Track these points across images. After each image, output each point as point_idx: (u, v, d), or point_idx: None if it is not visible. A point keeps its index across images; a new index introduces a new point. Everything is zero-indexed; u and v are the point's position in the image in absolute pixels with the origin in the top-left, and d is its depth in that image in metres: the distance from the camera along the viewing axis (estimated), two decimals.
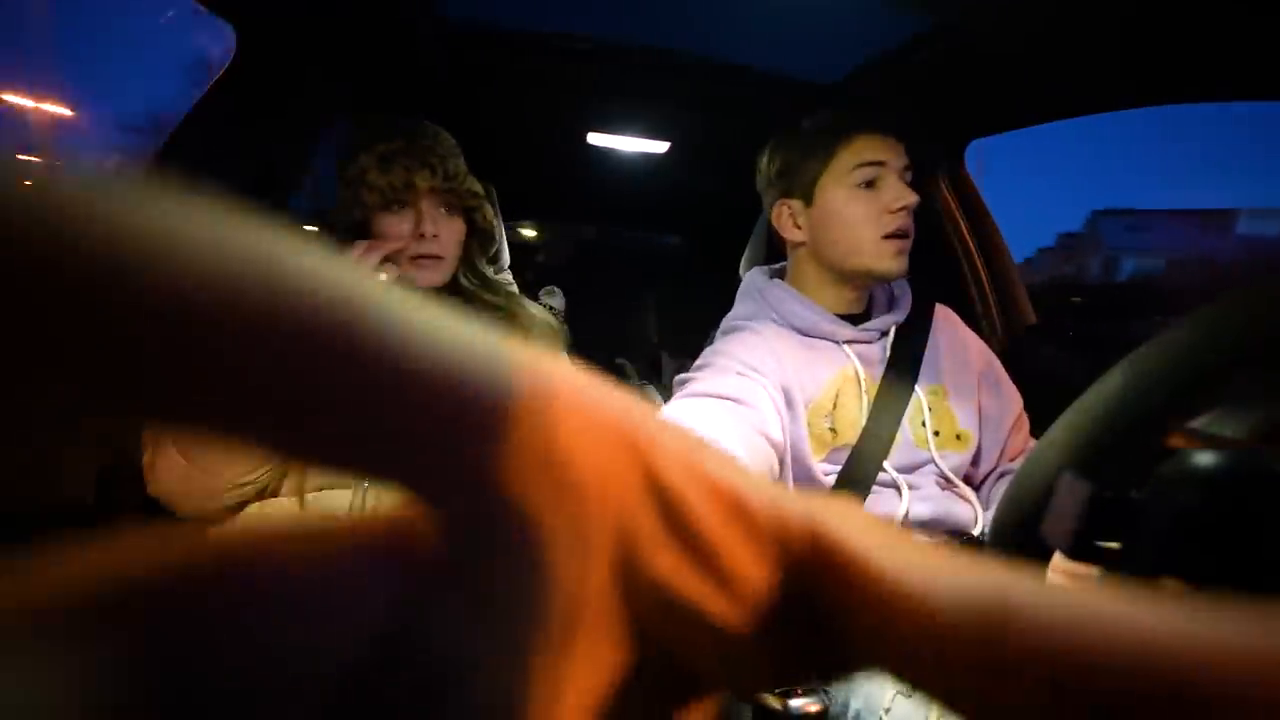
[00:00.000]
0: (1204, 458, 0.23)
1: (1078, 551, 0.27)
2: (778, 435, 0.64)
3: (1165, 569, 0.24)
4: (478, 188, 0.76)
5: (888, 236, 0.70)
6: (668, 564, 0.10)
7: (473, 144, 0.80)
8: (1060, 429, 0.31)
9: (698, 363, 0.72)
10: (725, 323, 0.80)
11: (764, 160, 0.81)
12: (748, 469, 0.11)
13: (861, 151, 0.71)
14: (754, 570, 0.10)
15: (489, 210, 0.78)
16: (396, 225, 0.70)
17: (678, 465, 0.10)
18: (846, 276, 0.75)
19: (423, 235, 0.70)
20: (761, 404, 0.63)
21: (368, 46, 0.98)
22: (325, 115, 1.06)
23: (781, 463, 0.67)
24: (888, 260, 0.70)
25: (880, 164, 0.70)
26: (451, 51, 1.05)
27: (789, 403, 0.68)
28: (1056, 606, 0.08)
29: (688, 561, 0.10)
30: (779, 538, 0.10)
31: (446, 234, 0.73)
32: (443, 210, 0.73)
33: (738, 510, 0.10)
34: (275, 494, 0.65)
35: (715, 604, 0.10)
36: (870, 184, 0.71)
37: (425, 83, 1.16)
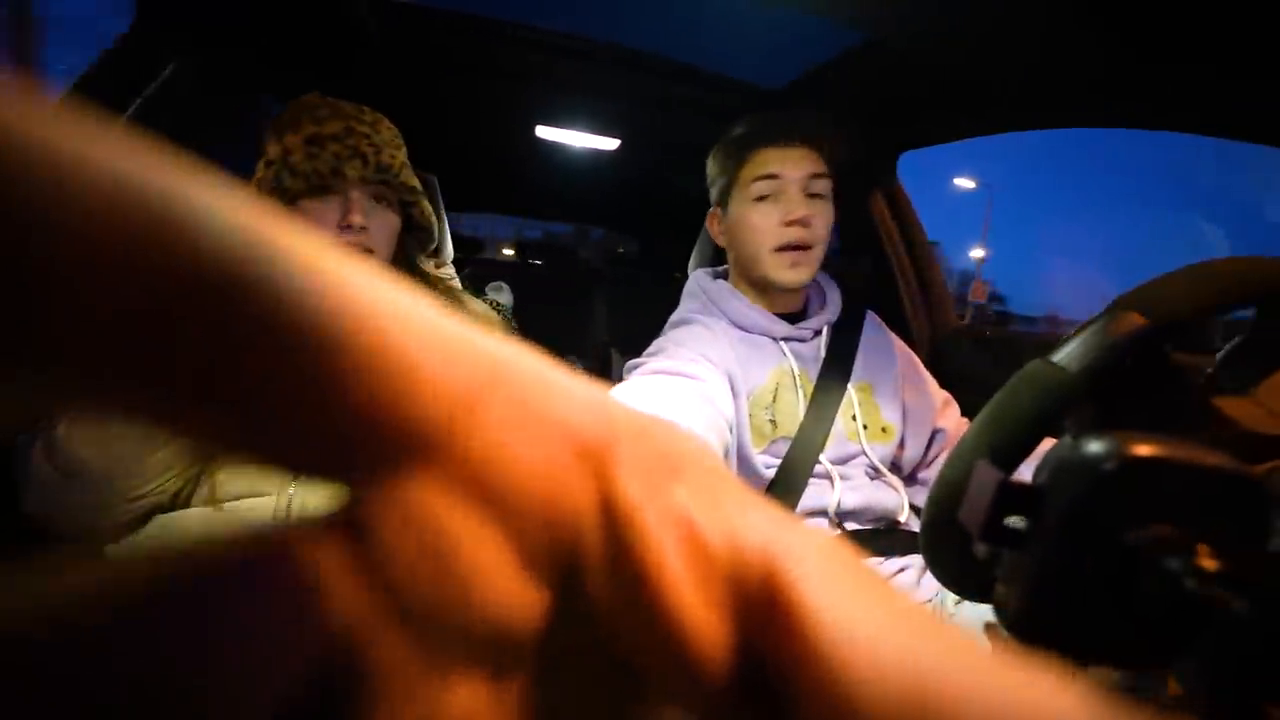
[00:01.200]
0: (1092, 445, 0.25)
1: (987, 534, 0.29)
2: (729, 412, 0.66)
3: (1066, 549, 0.27)
4: (414, 182, 0.71)
5: (781, 249, 0.72)
6: (611, 596, 0.09)
7: (417, 132, 0.77)
8: (977, 424, 0.34)
9: (649, 350, 0.74)
10: (673, 318, 0.83)
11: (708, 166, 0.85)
12: (705, 490, 0.10)
13: (760, 165, 0.73)
14: (703, 613, 0.09)
15: (427, 206, 0.74)
16: (320, 213, 0.65)
17: (637, 483, 0.09)
18: (754, 283, 0.78)
19: (349, 225, 0.65)
20: (713, 380, 0.65)
21: (287, 22, 0.91)
22: (244, 97, 0.97)
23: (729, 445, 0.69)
24: (783, 271, 0.73)
25: (775, 177, 0.73)
26: (397, 35, 1.00)
27: (734, 391, 0.71)
28: None
29: (631, 596, 0.09)
30: (733, 577, 0.09)
31: (378, 226, 0.68)
32: (376, 202, 0.68)
33: (693, 542, 0.09)
34: (187, 503, 0.59)
35: (658, 646, 0.09)
36: (768, 197, 0.73)
37: (363, 67, 1.10)
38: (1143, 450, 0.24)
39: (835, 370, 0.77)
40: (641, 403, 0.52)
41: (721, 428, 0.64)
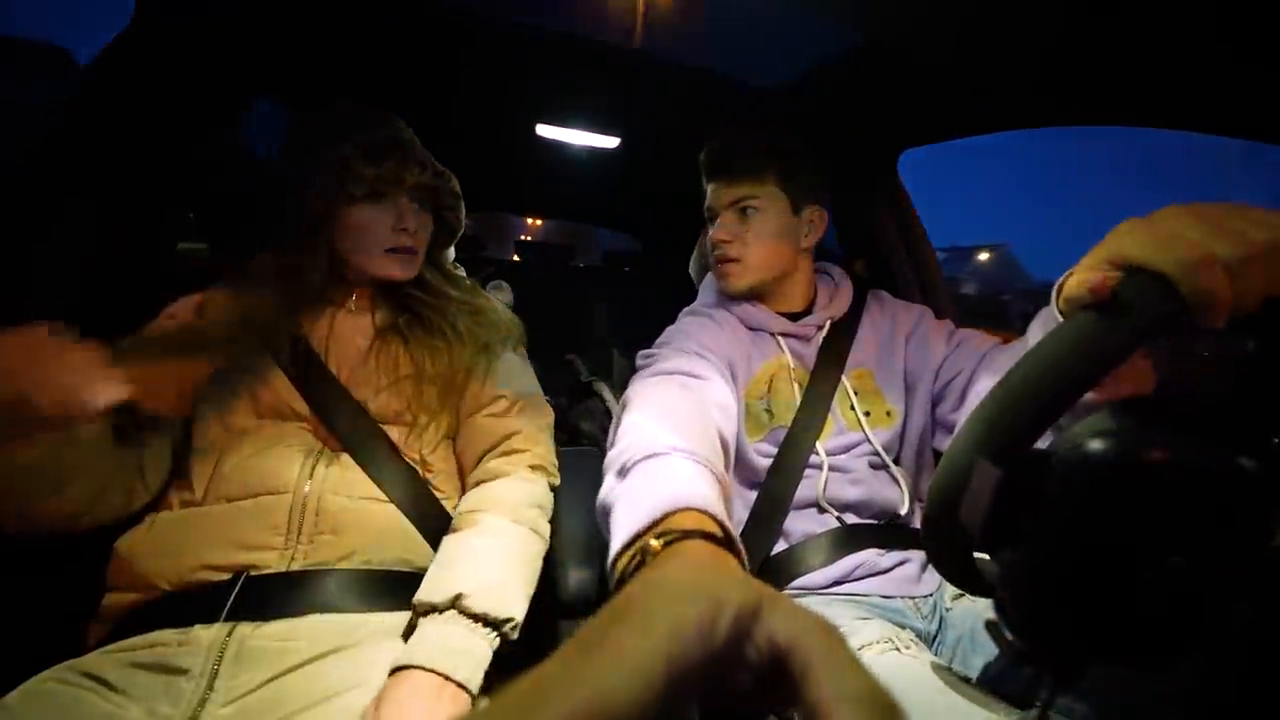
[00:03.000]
0: (1092, 444, 0.25)
1: (987, 532, 0.29)
2: (730, 403, 0.68)
3: (1066, 549, 0.27)
4: (459, 188, 0.77)
5: (716, 262, 0.83)
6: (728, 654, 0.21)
7: (416, 130, 0.77)
8: (975, 419, 0.34)
9: (660, 340, 0.80)
10: (688, 308, 0.89)
11: None
12: (761, 616, 0.21)
13: (707, 196, 0.85)
14: (753, 663, 0.20)
15: (463, 211, 0.79)
16: (375, 217, 0.70)
17: (735, 622, 0.21)
18: None
19: (406, 228, 0.71)
20: (713, 377, 0.68)
21: (286, 22, 0.91)
22: (240, 96, 0.97)
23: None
24: (721, 281, 0.84)
25: (711, 208, 0.84)
26: (396, 33, 1.00)
27: (734, 376, 0.75)
28: None
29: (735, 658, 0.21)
30: (772, 655, 0.20)
31: (423, 230, 0.74)
32: (416, 205, 0.73)
33: (755, 642, 0.21)
34: (171, 507, 0.60)
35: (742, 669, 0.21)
36: (713, 221, 0.85)
37: (362, 65, 1.10)
38: (1143, 449, 0.24)
39: (829, 362, 0.81)
40: (651, 411, 0.55)
41: (720, 423, 0.65)
